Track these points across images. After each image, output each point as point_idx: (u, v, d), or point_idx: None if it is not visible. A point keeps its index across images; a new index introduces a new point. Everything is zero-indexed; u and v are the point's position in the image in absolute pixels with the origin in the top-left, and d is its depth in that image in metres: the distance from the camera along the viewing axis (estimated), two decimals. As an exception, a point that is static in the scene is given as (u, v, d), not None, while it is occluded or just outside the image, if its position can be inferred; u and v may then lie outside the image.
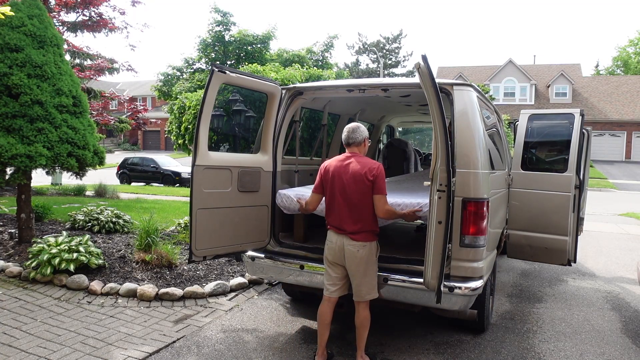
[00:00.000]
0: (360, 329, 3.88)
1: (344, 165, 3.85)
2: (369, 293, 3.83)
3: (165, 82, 24.45)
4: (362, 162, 3.82)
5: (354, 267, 3.78)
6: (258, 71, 12.31)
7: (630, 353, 4.47)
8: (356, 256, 3.76)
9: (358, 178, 3.75)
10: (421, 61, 3.36)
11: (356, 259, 3.76)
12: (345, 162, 3.86)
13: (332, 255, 3.87)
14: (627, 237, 10.88)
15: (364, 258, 3.77)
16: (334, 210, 3.88)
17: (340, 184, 3.82)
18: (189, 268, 6.16)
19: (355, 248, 3.76)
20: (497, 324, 5.07)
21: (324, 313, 3.93)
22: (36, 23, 6.33)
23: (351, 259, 3.77)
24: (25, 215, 6.75)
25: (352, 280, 3.84)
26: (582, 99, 39.09)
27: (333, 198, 3.88)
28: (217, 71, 4.03)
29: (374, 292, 3.85)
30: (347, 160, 3.87)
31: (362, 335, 3.89)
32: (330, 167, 3.92)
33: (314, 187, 4.07)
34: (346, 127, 4.00)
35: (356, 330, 3.91)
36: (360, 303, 3.85)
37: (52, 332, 4.48)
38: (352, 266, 3.79)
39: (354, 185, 3.76)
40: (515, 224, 5.83)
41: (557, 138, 6.11)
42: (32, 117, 6.00)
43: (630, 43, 57.73)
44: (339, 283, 3.90)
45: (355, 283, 3.83)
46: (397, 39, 53.92)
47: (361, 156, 3.91)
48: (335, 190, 3.85)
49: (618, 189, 24.86)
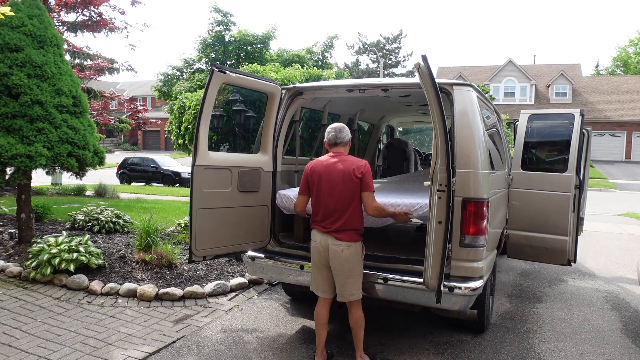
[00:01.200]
0: (356, 329, 3.89)
1: (330, 165, 3.86)
2: (352, 294, 3.82)
3: (165, 82, 24.47)
4: (348, 161, 3.85)
5: (339, 267, 3.78)
6: (258, 71, 12.31)
7: (631, 353, 4.46)
8: (341, 256, 3.76)
9: (347, 177, 3.76)
10: (421, 61, 3.36)
11: (341, 259, 3.76)
12: (332, 162, 3.88)
13: (317, 255, 3.88)
14: (627, 237, 10.88)
15: (349, 258, 3.76)
16: (320, 210, 3.89)
17: (327, 183, 3.83)
18: (189, 268, 6.16)
19: (340, 248, 3.76)
20: (497, 324, 5.07)
21: (320, 313, 3.95)
22: (36, 23, 6.33)
23: (335, 259, 3.77)
24: (25, 215, 6.75)
25: (336, 280, 3.84)
26: (582, 99, 39.10)
27: (319, 197, 3.88)
28: (217, 71, 4.03)
29: (358, 293, 3.84)
30: (333, 160, 3.88)
31: (359, 335, 3.90)
32: (316, 167, 3.93)
33: (300, 189, 4.07)
34: (331, 126, 4.01)
35: (352, 330, 3.92)
36: (352, 303, 3.85)
37: (52, 332, 4.48)
38: (336, 266, 3.79)
39: (342, 185, 3.77)
40: (515, 224, 5.83)
41: (557, 138, 6.11)
42: (32, 117, 6.01)
43: (630, 43, 57.76)
44: (327, 283, 3.91)
45: (339, 283, 3.83)
46: (397, 39, 53.92)
47: (346, 155, 3.93)
48: (321, 190, 3.86)
49: (618, 189, 24.85)
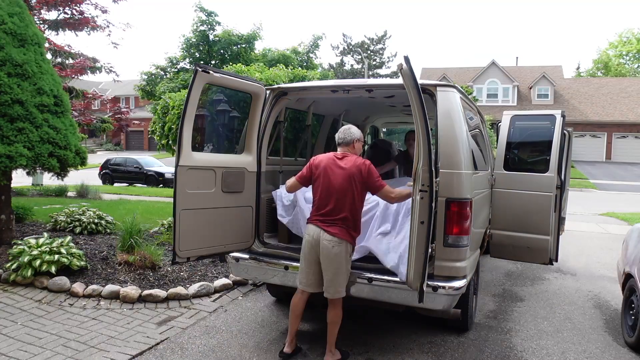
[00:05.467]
0: (331, 325, 3.98)
1: (334, 162, 3.98)
2: (337, 292, 3.90)
3: (149, 81, 24.28)
4: (351, 161, 3.96)
5: (327, 263, 3.85)
6: (242, 71, 12.27)
7: (612, 350, 4.54)
8: (330, 252, 3.83)
9: (347, 177, 3.88)
10: (404, 62, 3.38)
11: (330, 254, 3.83)
12: (336, 159, 4.00)
13: (309, 249, 3.96)
14: (608, 236, 11.05)
15: (338, 255, 3.83)
16: (317, 204, 3.99)
17: (328, 179, 3.93)
18: (173, 269, 6.11)
19: (331, 244, 3.82)
20: (480, 323, 5.11)
21: (297, 304, 4.07)
22: (16, 21, 6.23)
23: (325, 254, 3.85)
24: (5, 217, 6.65)
25: (325, 275, 3.92)
26: (564, 100, 39.62)
27: (319, 192, 3.99)
28: (201, 71, 4.00)
29: (342, 291, 3.92)
30: (338, 158, 4.01)
31: (333, 331, 3.99)
32: (322, 161, 4.03)
33: (299, 176, 4.18)
34: (342, 127, 4.17)
35: (327, 326, 4.00)
36: (334, 301, 3.93)
37: (33, 335, 4.41)
38: (325, 261, 3.86)
39: (342, 183, 3.88)
40: (497, 223, 5.89)
41: (539, 139, 6.19)
42: (12, 116, 5.90)
43: (611, 46, 58.72)
44: (312, 278, 3.99)
45: (327, 279, 3.91)
46: (382, 40, 54.10)
47: (350, 155, 4.04)
48: (321, 185, 3.97)
49: (598, 189, 25.24)
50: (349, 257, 3.93)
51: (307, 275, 4.00)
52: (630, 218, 13.54)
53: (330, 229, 3.85)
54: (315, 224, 3.95)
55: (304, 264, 4.02)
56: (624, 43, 56.71)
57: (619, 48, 57.48)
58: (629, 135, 37.37)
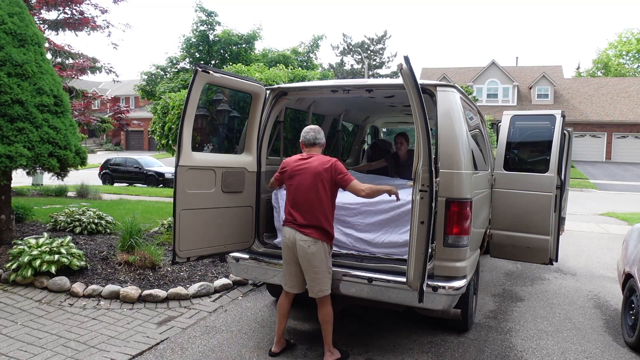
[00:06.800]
0: (324, 324, 3.99)
1: (303, 163, 4.02)
2: (321, 290, 3.92)
3: (149, 81, 24.28)
4: (320, 160, 3.99)
5: (306, 263, 3.89)
6: (242, 71, 12.25)
7: (611, 350, 4.54)
8: (307, 252, 3.86)
9: (317, 176, 3.92)
10: (403, 62, 3.38)
11: (307, 254, 3.86)
12: (305, 160, 4.04)
13: (287, 251, 4.00)
14: (608, 236, 11.05)
15: (315, 255, 3.86)
16: (290, 206, 4.03)
17: (298, 181, 3.97)
18: (173, 269, 6.11)
19: (307, 244, 3.86)
20: (480, 323, 5.11)
21: (283, 304, 4.15)
22: (16, 21, 6.23)
23: (302, 255, 3.88)
24: (5, 217, 6.65)
25: (306, 276, 3.96)
26: (564, 100, 39.63)
27: (290, 194, 4.05)
28: (201, 71, 4.00)
29: (326, 289, 3.95)
30: (306, 159, 4.05)
31: (327, 330, 4.00)
32: (289, 164, 4.10)
33: (274, 177, 4.32)
34: (310, 127, 4.22)
35: (321, 325, 4.02)
36: (321, 299, 3.96)
37: (33, 335, 4.41)
38: (303, 262, 3.91)
39: (312, 184, 3.92)
40: (497, 223, 5.89)
41: (539, 139, 6.19)
42: (12, 116, 5.91)
43: (610, 46, 58.76)
44: (294, 279, 4.05)
45: (308, 279, 3.96)
46: (382, 40, 54.11)
47: (319, 155, 4.10)
48: (293, 187, 4.02)
49: (598, 189, 25.25)
50: (327, 255, 3.95)
51: (290, 277, 4.06)
52: (630, 218, 13.54)
53: (304, 229, 3.89)
54: (289, 225, 3.99)
55: (285, 266, 4.08)
56: (623, 43, 56.76)
57: (618, 48, 57.52)
58: (629, 135, 37.39)
